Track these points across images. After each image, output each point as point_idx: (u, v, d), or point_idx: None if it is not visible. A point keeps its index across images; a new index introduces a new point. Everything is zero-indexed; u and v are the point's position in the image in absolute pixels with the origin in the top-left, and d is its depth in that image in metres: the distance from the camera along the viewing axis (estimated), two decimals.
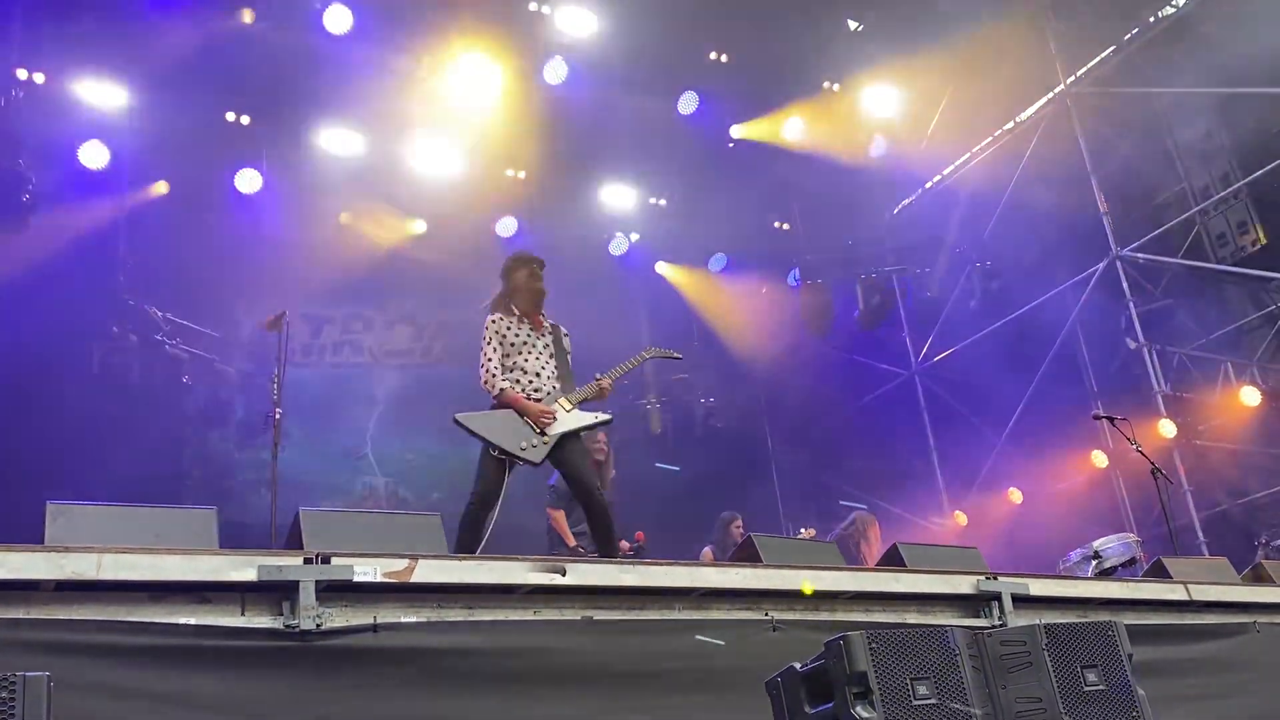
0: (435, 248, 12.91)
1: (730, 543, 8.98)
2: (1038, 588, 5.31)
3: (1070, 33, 13.09)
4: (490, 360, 6.02)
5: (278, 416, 5.98)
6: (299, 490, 11.77)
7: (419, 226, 12.86)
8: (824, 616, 4.74)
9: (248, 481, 11.67)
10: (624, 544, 7.71)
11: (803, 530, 10.15)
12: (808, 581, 7.66)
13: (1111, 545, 7.86)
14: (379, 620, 3.77)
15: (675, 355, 6.83)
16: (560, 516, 7.76)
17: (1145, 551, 8.04)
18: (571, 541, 7.62)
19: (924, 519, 14.16)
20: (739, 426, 14.61)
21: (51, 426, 9.93)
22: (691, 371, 14.49)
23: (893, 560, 5.47)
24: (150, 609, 3.54)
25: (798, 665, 3.15)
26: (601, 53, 12.06)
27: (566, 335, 6.38)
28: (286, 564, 3.67)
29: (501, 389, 5.92)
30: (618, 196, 13.78)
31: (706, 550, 9.33)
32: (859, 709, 2.83)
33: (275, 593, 3.68)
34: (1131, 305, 11.96)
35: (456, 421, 5.83)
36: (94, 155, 10.72)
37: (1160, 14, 12.91)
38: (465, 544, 5.48)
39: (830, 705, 2.96)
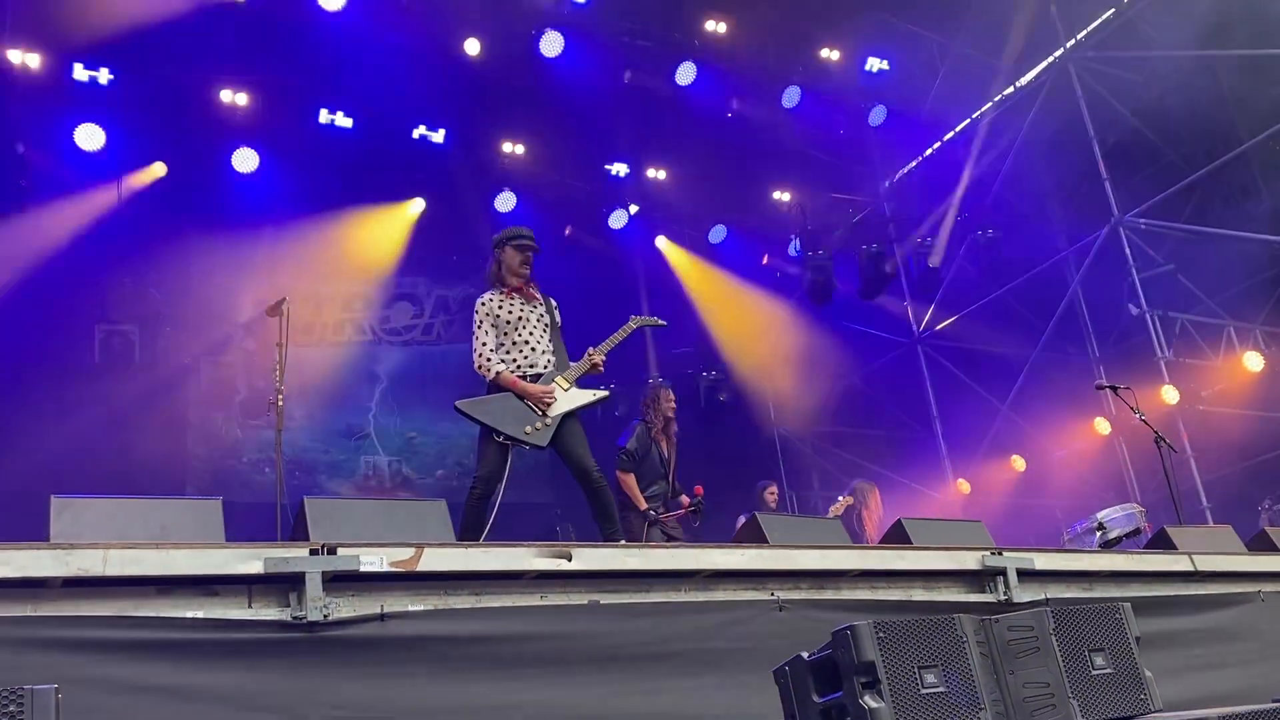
0: (434, 224, 12.89)
1: (766, 510, 9.15)
2: (1043, 561, 5.32)
3: None
4: (485, 344, 5.94)
5: (280, 402, 5.95)
6: (303, 469, 11.86)
7: (417, 203, 12.81)
8: (829, 595, 4.75)
9: (253, 461, 11.70)
10: (684, 499, 7.79)
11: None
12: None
13: (1115, 516, 7.88)
14: (386, 609, 3.78)
15: (660, 323, 6.79)
16: (631, 480, 7.67)
17: (1149, 520, 8.06)
18: (643, 505, 7.55)
19: (927, 487, 14.19)
20: (742, 399, 14.60)
21: (53, 411, 9.95)
22: (693, 345, 14.47)
23: (897, 536, 5.47)
24: (158, 603, 3.54)
25: (805, 655, 3.16)
26: (598, 25, 11.97)
27: (556, 307, 6.29)
28: (293, 555, 3.67)
29: (498, 372, 5.86)
30: (616, 169, 13.71)
31: (742, 519, 9.39)
32: (867, 698, 2.83)
33: (282, 584, 3.68)
34: (1134, 271, 11.92)
35: (458, 409, 5.80)
36: (89, 138, 10.66)
37: None
38: (470, 530, 5.48)
39: (839, 695, 2.96)
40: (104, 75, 10.59)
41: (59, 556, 3.35)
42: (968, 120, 14.54)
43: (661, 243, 14.53)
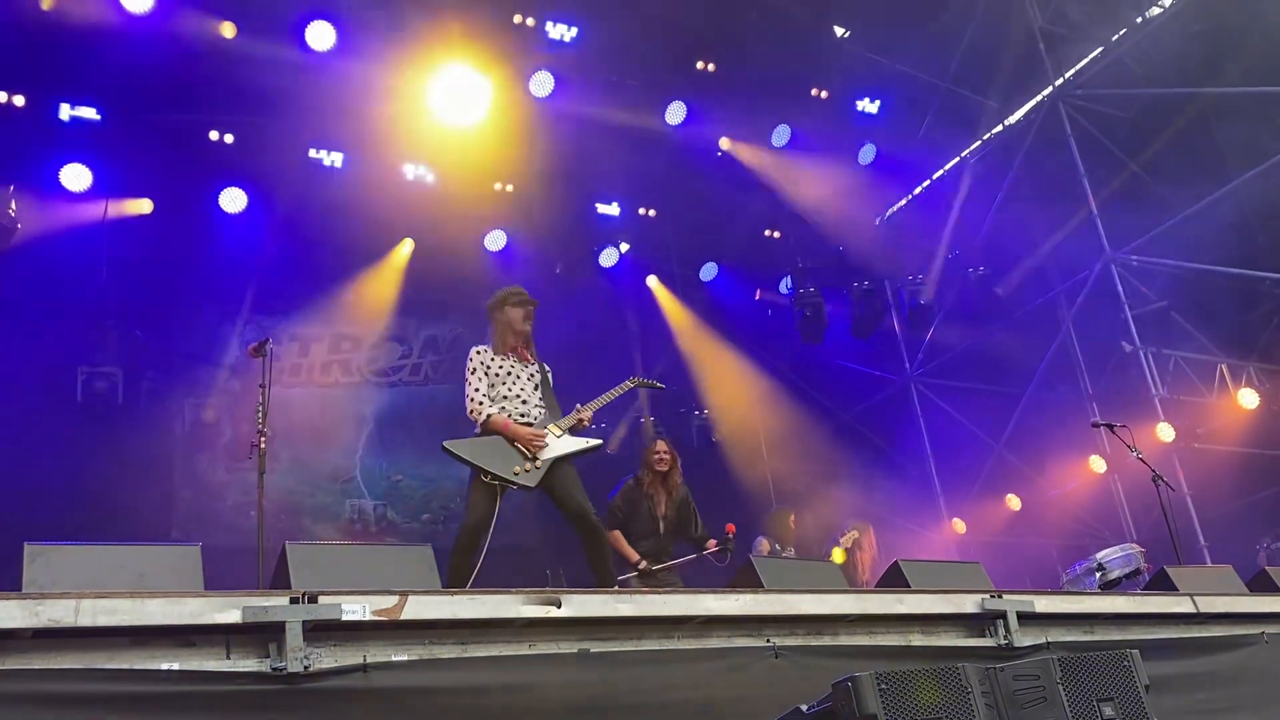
0: (424, 263, 12.81)
1: (789, 537, 9.09)
2: (1043, 604, 5.20)
3: (1059, 35, 13.04)
4: (478, 390, 5.93)
5: (263, 445, 5.83)
6: (288, 512, 11.70)
7: (407, 244, 12.74)
8: (827, 641, 4.63)
9: (237, 504, 11.52)
10: (711, 542, 7.60)
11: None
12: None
13: (1115, 557, 7.79)
14: (369, 660, 3.65)
15: (659, 385, 6.83)
16: (618, 536, 7.51)
17: (1148, 560, 7.96)
18: (635, 557, 7.39)
19: (922, 527, 14.08)
20: (734, 438, 14.50)
21: (34, 455, 9.79)
22: (685, 384, 14.39)
23: (894, 579, 5.36)
24: (132, 654, 3.41)
25: (803, 708, 3.04)
26: (588, 64, 11.98)
27: (549, 371, 6.29)
28: (272, 604, 3.54)
29: (489, 415, 5.82)
30: (606, 207, 13.69)
31: (762, 540, 9.26)
32: None
33: (262, 634, 3.55)
34: (1127, 308, 11.88)
35: (445, 449, 5.73)
36: (76, 178, 10.60)
37: (1148, 15, 12.89)
38: (457, 576, 5.37)
39: None
40: (91, 114, 10.54)
41: (28, 607, 3.22)
42: (958, 158, 14.58)
43: (652, 282, 14.48)
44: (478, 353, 6.06)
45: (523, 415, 5.90)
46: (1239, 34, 11.93)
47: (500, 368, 6.01)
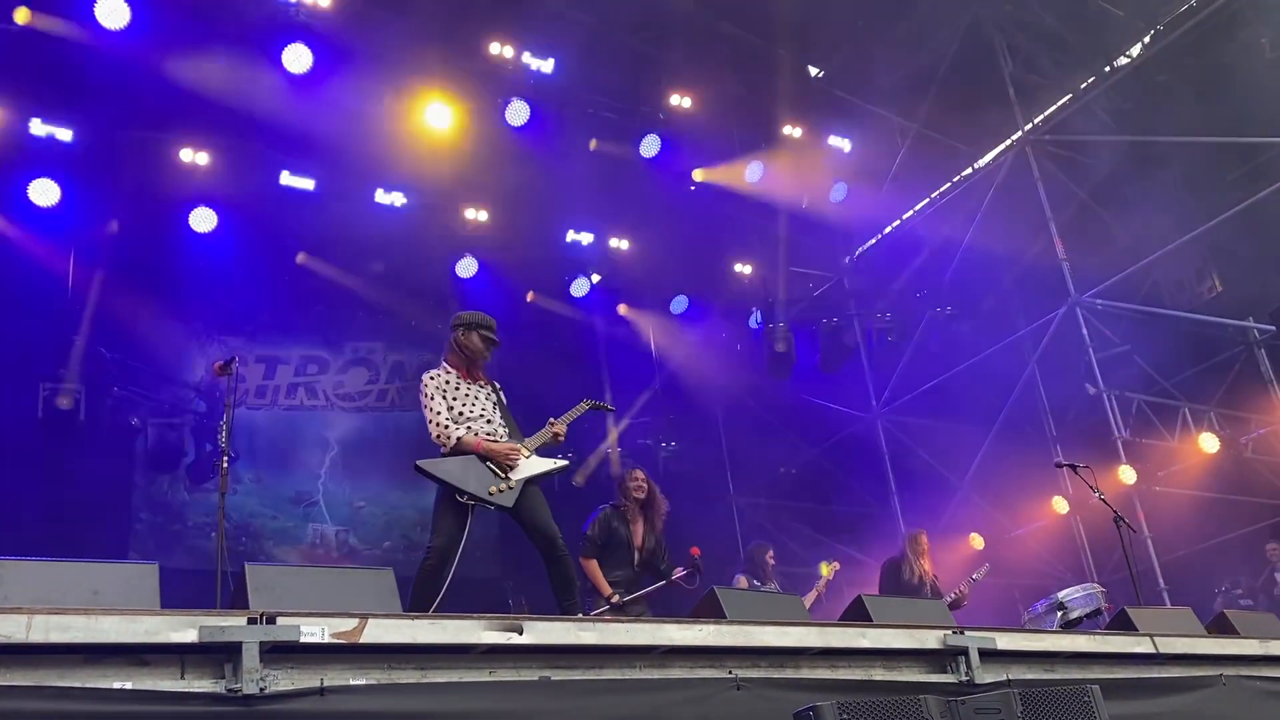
0: (394, 288, 12.78)
1: (765, 571, 9.01)
2: (1005, 641, 5.21)
3: (1029, 81, 13.25)
4: (439, 414, 5.82)
5: (225, 465, 5.76)
6: (249, 535, 11.58)
7: (377, 267, 12.69)
8: (789, 674, 4.60)
9: (198, 525, 11.40)
10: (678, 570, 7.53)
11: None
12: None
13: (1076, 596, 7.82)
14: (326, 683, 3.59)
15: (609, 408, 6.81)
16: (593, 566, 7.47)
17: (1109, 601, 8.00)
18: (607, 590, 7.29)
19: None
20: (700, 470, 14.50)
21: None
22: (652, 415, 14.39)
23: (857, 613, 5.35)
24: (84, 673, 3.34)
25: None
26: (564, 95, 12.04)
27: (500, 389, 6.21)
28: (229, 624, 3.48)
29: (459, 437, 5.74)
30: (579, 237, 13.71)
31: (740, 578, 9.18)
32: None
33: (218, 655, 3.49)
34: (1091, 351, 12.00)
35: (418, 468, 5.61)
36: (44, 193, 10.48)
37: (1116, 64, 13.14)
38: (420, 600, 5.29)
39: None
40: (62, 129, 10.45)
41: None
42: (927, 199, 14.74)
43: (623, 312, 14.50)
44: (433, 377, 5.94)
45: (490, 434, 5.83)
46: (1204, 84, 12.18)
47: (459, 389, 5.93)
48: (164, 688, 3.41)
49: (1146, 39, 13.00)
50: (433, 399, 5.87)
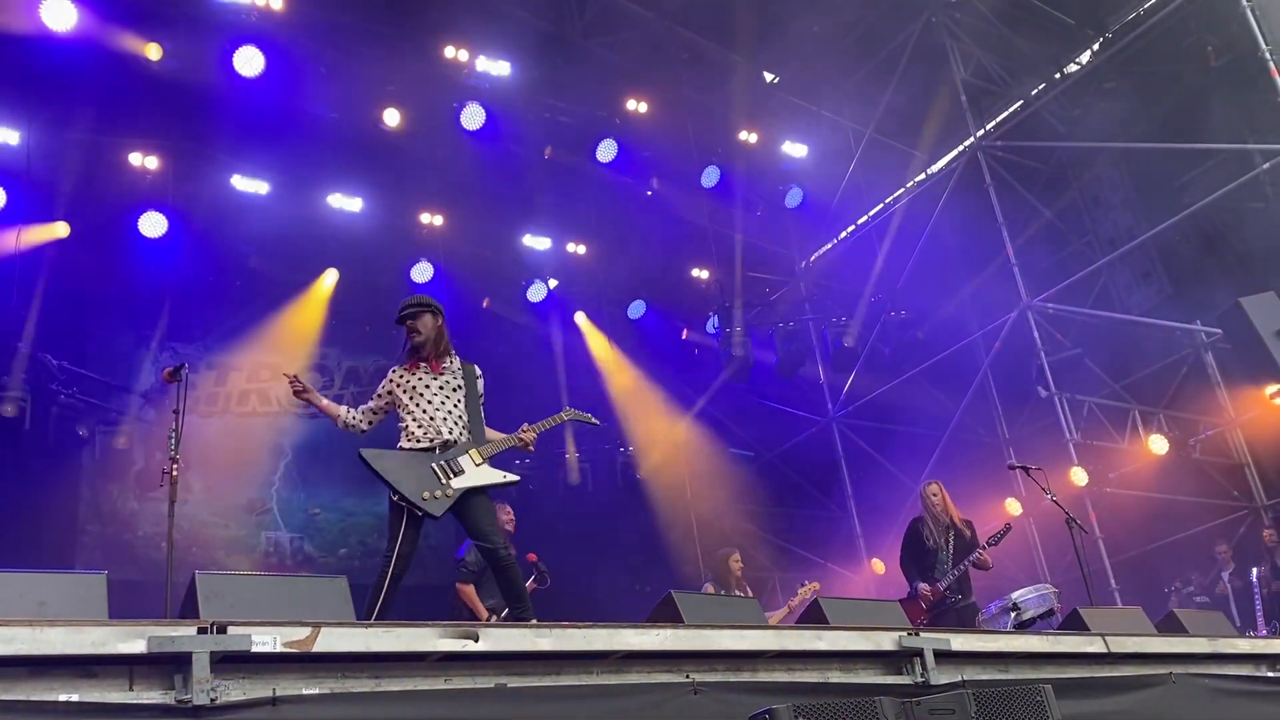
0: (347, 294, 12.66)
1: (731, 579, 8.83)
2: (959, 643, 5.24)
3: (981, 88, 13.41)
4: (368, 402, 5.94)
5: (175, 473, 5.66)
6: (200, 545, 11.40)
7: (331, 274, 12.58)
8: (746, 677, 4.61)
9: (148, 536, 11.21)
10: (531, 584, 7.46)
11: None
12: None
13: (1030, 597, 7.89)
14: (278, 693, 3.54)
15: (594, 421, 6.56)
16: (471, 591, 7.49)
17: (1061, 602, 8.08)
18: (484, 615, 7.33)
19: (842, 566, 14.17)
20: (658, 475, 14.49)
21: None
22: (610, 420, 14.37)
23: (814, 615, 5.37)
24: (29, 685, 3.27)
25: None
26: (520, 99, 12.01)
27: (480, 377, 6.04)
28: (179, 634, 3.42)
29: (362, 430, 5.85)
30: (536, 242, 13.67)
31: (707, 585, 9.13)
32: None
33: (167, 665, 3.43)
34: (1042, 354, 12.14)
35: (361, 456, 5.46)
36: None
37: (1065, 71, 13.33)
38: (375, 608, 5.23)
39: None
40: (10, 134, 10.26)
41: None
42: (882, 205, 14.86)
43: (580, 318, 14.47)
44: (388, 378, 5.94)
45: (435, 437, 5.64)
46: (1152, 91, 12.38)
47: (408, 383, 5.80)
48: (112, 699, 3.35)
49: (1096, 46, 13.21)
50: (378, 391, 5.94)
